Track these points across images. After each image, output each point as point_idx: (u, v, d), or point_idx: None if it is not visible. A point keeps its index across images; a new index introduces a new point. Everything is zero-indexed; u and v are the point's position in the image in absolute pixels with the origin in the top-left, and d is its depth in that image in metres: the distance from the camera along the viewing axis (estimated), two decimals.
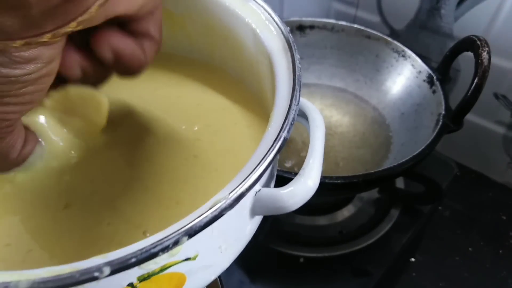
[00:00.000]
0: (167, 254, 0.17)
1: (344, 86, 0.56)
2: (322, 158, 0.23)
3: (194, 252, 0.20)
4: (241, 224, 0.22)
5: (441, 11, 0.55)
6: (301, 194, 0.22)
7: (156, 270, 0.19)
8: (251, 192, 0.19)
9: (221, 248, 0.22)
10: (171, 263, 0.19)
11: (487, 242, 0.52)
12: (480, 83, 0.38)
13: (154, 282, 0.19)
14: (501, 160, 0.59)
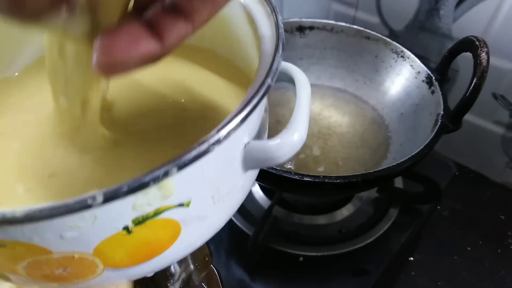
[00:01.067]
0: (159, 194, 0.18)
1: (343, 87, 0.57)
2: (308, 115, 0.24)
3: (186, 197, 0.20)
4: (232, 175, 0.23)
5: (440, 12, 0.55)
6: (288, 146, 0.23)
7: (150, 213, 0.19)
8: (237, 137, 0.20)
9: (214, 199, 0.22)
10: (164, 207, 0.19)
11: (486, 242, 0.52)
12: (478, 83, 0.38)
13: (149, 228, 0.19)
14: (499, 160, 0.59)
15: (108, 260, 0.20)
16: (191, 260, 0.40)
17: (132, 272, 0.22)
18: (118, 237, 0.19)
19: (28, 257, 0.19)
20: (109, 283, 0.23)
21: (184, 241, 0.22)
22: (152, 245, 0.21)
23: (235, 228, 0.48)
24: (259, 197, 0.52)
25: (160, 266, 0.23)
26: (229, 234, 0.50)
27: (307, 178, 0.37)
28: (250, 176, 0.25)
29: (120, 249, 0.20)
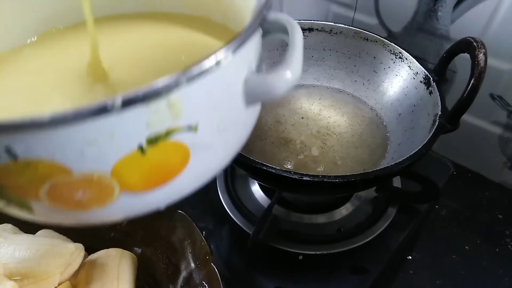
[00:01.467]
0: (170, 113, 0.20)
1: (342, 87, 0.57)
2: (302, 54, 0.28)
3: (194, 120, 0.22)
4: (234, 106, 0.25)
5: (438, 13, 0.55)
6: (284, 79, 0.25)
7: (162, 133, 0.20)
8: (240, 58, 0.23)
9: (219, 128, 0.24)
10: (175, 128, 0.21)
11: (484, 241, 0.52)
12: (476, 84, 0.39)
13: (161, 149, 0.21)
14: (497, 160, 0.60)
15: (124, 182, 0.21)
16: (192, 259, 0.41)
17: (145, 200, 0.23)
18: (133, 157, 0.20)
19: (50, 178, 0.20)
20: (124, 213, 0.24)
21: (193, 169, 0.23)
22: (164, 168, 0.22)
23: (235, 227, 0.49)
24: (259, 197, 0.53)
25: (171, 197, 0.25)
26: (229, 233, 0.50)
27: (307, 177, 0.37)
28: (251, 113, 0.27)
29: (135, 170, 0.21)
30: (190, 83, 0.19)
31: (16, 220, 0.44)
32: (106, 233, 0.45)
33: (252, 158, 0.39)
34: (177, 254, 0.42)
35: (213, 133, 0.24)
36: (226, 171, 0.55)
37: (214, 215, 0.52)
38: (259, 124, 0.52)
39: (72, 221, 0.25)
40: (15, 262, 0.37)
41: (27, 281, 0.37)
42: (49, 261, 0.38)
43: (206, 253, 0.39)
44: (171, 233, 0.43)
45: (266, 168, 0.38)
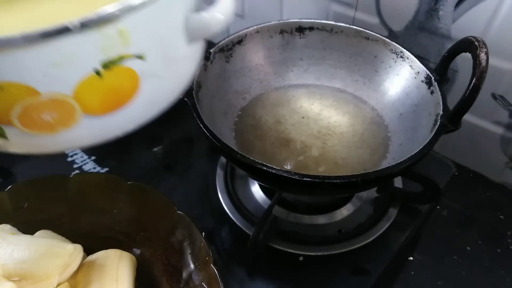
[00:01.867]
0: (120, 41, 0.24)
1: (343, 87, 0.57)
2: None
3: (141, 49, 0.26)
4: (177, 40, 0.29)
5: (439, 12, 0.55)
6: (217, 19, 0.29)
7: (114, 58, 0.24)
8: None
9: (165, 59, 0.28)
10: (125, 55, 0.25)
11: (485, 241, 0.52)
12: (478, 83, 0.38)
13: (115, 73, 0.25)
14: (498, 160, 0.60)
15: (85, 104, 0.25)
16: (191, 260, 0.40)
17: (106, 125, 0.27)
18: (91, 79, 0.24)
19: (20, 100, 0.24)
20: (89, 137, 0.28)
21: (145, 95, 0.28)
22: (119, 92, 0.26)
23: (235, 227, 0.49)
24: (259, 197, 0.52)
25: (129, 123, 0.30)
26: (229, 233, 0.50)
27: (307, 178, 0.37)
28: (193, 50, 0.31)
29: (93, 92, 0.25)
30: (134, 12, 0.24)
31: (15, 221, 0.43)
32: (105, 234, 0.45)
33: (252, 158, 0.38)
34: (176, 255, 0.42)
35: (160, 63, 0.28)
36: (226, 171, 0.55)
37: (213, 216, 0.52)
38: (259, 124, 0.52)
39: (43, 149, 0.28)
40: (14, 262, 0.37)
41: (26, 282, 0.37)
42: (48, 262, 0.38)
43: (205, 254, 0.39)
44: (170, 234, 0.43)
45: (266, 168, 0.37)
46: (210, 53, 0.50)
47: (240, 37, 0.54)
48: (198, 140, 0.63)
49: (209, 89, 0.50)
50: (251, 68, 0.56)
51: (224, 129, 0.50)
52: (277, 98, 0.56)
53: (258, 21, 0.56)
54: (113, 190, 0.46)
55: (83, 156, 0.59)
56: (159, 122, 0.67)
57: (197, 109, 0.43)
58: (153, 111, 0.30)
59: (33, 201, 0.45)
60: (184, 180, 0.57)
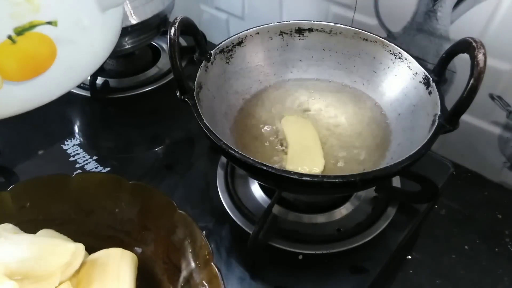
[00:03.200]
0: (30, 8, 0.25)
1: (342, 88, 0.57)
2: None
3: (52, 16, 0.27)
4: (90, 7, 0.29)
5: (438, 13, 0.55)
6: None
7: (26, 25, 0.25)
8: None
9: (79, 26, 0.29)
10: (36, 21, 0.26)
11: (483, 240, 0.52)
12: (475, 84, 0.39)
13: (29, 39, 0.26)
14: (496, 160, 0.60)
15: (3, 70, 0.26)
16: (192, 258, 0.41)
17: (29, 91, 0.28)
18: (5, 45, 0.25)
19: None
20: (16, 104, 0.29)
21: (63, 62, 0.28)
22: (35, 58, 0.27)
23: (235, 226, 0.49)
24: (258, 196, 0.53)
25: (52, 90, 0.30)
26: (229, 232, 0.51)
27: (306, 177, 0.37)
28: (109, 19, 0.32)
29: (10, 58, 0.26)
30: None
31: (17, 220, 0.44)
32: (107, 233, 0.45)
33: (252, 158, 0.39)
34: (177, 254, 0.42)
35: (74, 29, 0.29)
36: (226, 171, 0.55)
37: (214, 215, 0.52)
38: (257, 124, 0.53)
39: None
40: (16, 262, 0.37)
41: (28, 281, 0.37)
42: (50, 261, 0.38)
43: (206, 253, 0.39)
44: (171, 232, 0.43)
45: (266, 168, 0.38)
46: (210, 54, 0.51)
47: (240, 39, 0.54)
48: (199, 140, 0.63)
49: (210, 89, 0.50)
50: (251, 69, 0.56)
51: (224, 129, 0.50)
52: (277, 99, 0.56)
53: (258, 22, 0.56)
54: (115, 190, 0.46)
55: (85, 156, 0.60)
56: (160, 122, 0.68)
57: (197, 110, 0.44)
58: (75, 78, 0.31)
59: (35, 200, 0.46)
60: (185, 179, 0.58)
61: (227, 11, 0.82)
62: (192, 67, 0.50)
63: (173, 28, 0.41)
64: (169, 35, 0.41)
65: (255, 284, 0.46)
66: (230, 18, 0.83)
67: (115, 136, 0.66)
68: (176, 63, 0.42)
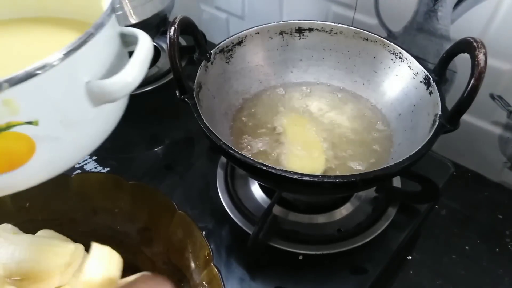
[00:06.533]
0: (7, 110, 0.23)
1: (342, 87, 0.57)
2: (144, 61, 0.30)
3: (33, 116, 0.25)
4: (79, 105, 0.28)
5: (438, 13, 0.55)
6: (122, 85, 0.28)
7: (2, 125, 0.23)
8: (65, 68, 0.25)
9: (63, 123, 0.26)
10: (14, 122, 0.24)
11: (484, 241, 0.52)
12: (476, 84, 0.39)
13: (4, 138, 0.24)
14: (497, 160, 0.60)
15: None
16: (192, 259, 0.41)
17: (5, 181, 0.26)
18: None
19: None
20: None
21: (42, 157, 0.26)
22: (12, 155, 0.25)
23: (235, 227, 0.49)
24: (259, 197, 0.53)
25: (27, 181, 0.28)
26: (229, 233, 0.50)
27: (306, 177, 0.37)
28: (104, 111, 0.30)
29: None
30: (18, 83, 0.22)
31: (16, 221, 0.44)
32: (106, 234, 0.45)
33: (252, 158, 0.39)
34: (177, 254, 0.42)
35: (57, 127, 0.26)
36: (226, 171, 0.55)
37: (214, 215, 0.52)
38: (257, 123, 0.52)
39: None
40: (15, 262, 0.37)
41: (28, 281, 0.37)
42: (49, 261, 0.38)
43: (206, 253, 0.39)
44: (171, 233, 0.43)
45: (266, 168, 0.38)
46: (210, 54, 0.51)
47: (240, 38, 0.54)
48: (199, 140, 0.63)
49: (210, 89, 0.50)
50: (251, 68, 0.56)
51: (224, 129, 0.50)
52: (277, 99, 0.56)
53: (258, 22, 0.56)
54: (114, 190, 0.46)
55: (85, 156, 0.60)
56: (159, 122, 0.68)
57: (197, 110, 0.43)
58: (56, 170, 0.29)
59: (35, 200, 0.45)
60: (185, 179, 0.58)
61: (227, 10, 0.82)
62: (192, 67, 0.50)
63: (173, 28, 0.41)
64: (169, 34, 0.41)
65: (255, 285, 0.46)
66: (230, 18, 0.83)
67: (114, 136, 0.66)
68: (176, 63, 0.42)
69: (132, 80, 0.28)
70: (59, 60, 0.24)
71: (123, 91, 0.28)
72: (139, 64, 0.29)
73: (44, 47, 0.34)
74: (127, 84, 0.28)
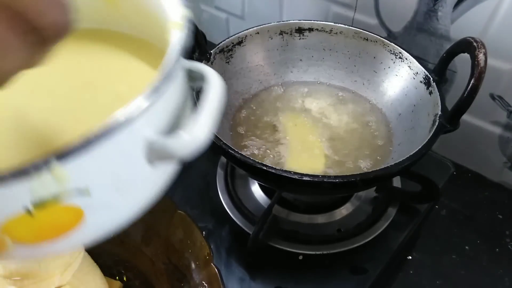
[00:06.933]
0: (54, 181, 0.19)
1: (342, 87, 0.57)
2: (213, 114, 0.24)
3: (84, 185, 0.21)
4: (135, 166, 0.23)
5: (438, 13, 0.55)
6: (187, 144, 0.23)
7: (49, 198, 0.20)
8: (129, 132, 0.21)
9: (118, 188, 0.23)
10: (63, 193, 0.20)
11: (484, 241, 0.52)
12: (476, 84, 0.39)
13: (50, 211, 0.20)
14: (497, 160, 0.60)
15: (16, 237, 0.21)
16: (192, 259, 0.41)
17: (44, 249, 0.23)
18: (21, 218, 0.20)
19: None
20: (26, 257, 0.25)
21: (91, 224, 0.23)
22: (56, 227, 0.22)
23: (235, 227, 0.49)
24: (259, 197, 0.53)
25: (72, 246, 0.25)
26: (229, 233, 0.50)
27: (306, 177, 0.37)
28: (161, 169, 0.26)
29: (25, 229, 0.21)
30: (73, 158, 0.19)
31: None
32: None
33: (252, 158, 0.39)
34: (177, 254, 0.42)
35: (111, 193, 0.23)
36: (226, 171, 0.55)
37: (214, 215, 0.52)
38: (257, 123, 0.52)
39: None
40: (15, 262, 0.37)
41: (27, 281, 0.37)
42: (49, 261, 0.38)
43: (206, 253, 0.39)
44: (171, 233, 0.43)
45: (266, 168, 0.38)
46: (210, 54, 0.51)
47: (240, 38, 0.54)
48: None
49: None
50: (251, 68, 0.56)
51: (224, 129, 0.50)
52: (277, 98, 0.56)
53: (258, 22, 0.56)
54: None
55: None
56: None
57: None
58: (104, 233, 0.25)
59: None
60: (185, 179, 0.58)
61: (227, 10, 0.82)
62: None
63: None
64: None
65: (255, 285, 0.46)
66: (230, 18, 0.82)
67: None
68: None
69: (204, 137, 0.23)
70: (124, 125, 0.20)
71: (194, 150, 0.23)
72: (211, 116, 0.24)
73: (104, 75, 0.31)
74: (199, 143, 0.23)
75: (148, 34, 0.33)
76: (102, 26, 0.35)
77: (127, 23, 0.34)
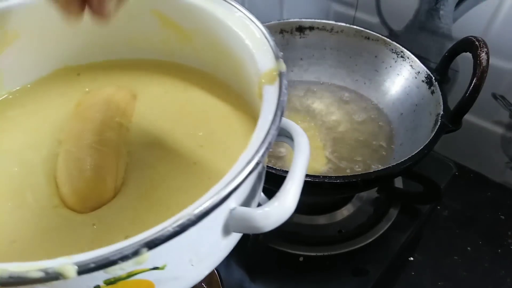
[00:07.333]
0: (131, 262, 0.18)
1: (343, 87, 0.57)
2: (301, 183, 0.24)
3: (162, 262, 0.20)
4: (213, 239, 0.23)
5: (440, 12, 0.55)
6: (275, 217, 0.22)
7: (122, 276, 0.19)
8: (220, 210, 0.19)
9: (192, 261, 0.22)
10: (138, 271, 0.19)
11: (486, 242, 0.52)
12: (478, 83, 0.38)
13: (120, 286, 0.20)
14: (499, 160, 0.60)
15: None
16: None
17: None
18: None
19: None
20: None
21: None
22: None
23: None
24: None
25: None
26: None
27: (307, 178, 0.37)
28: (234, 235, 0.25)
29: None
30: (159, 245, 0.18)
31: None
32: None
33: None
34: None
35: (185, 267, 0.22)
36: None
37: None
38: None
39: None
40: None
41: None
42: None
43: None
44: None
45: (266, 168, 0.37)
46: None
47: None
48: None
49: None
50: None
51: None
52: None
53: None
54: None
55: None
56: None
57: None
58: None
59: None
60: None
61: None
62: None
63: None
64: None
65: (255, 287, 0.46)
66: None
67: None
68: None
69: (293, 207, 0.23)
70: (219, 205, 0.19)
71: (276, 223, 0.23)
72: (299, 185, 0.23)
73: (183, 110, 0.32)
74: (283, 213, 0.23)
75: (223, 72, 0.33)
76: (168, 58, 0.35)
77: (198, 57, 0.34)
